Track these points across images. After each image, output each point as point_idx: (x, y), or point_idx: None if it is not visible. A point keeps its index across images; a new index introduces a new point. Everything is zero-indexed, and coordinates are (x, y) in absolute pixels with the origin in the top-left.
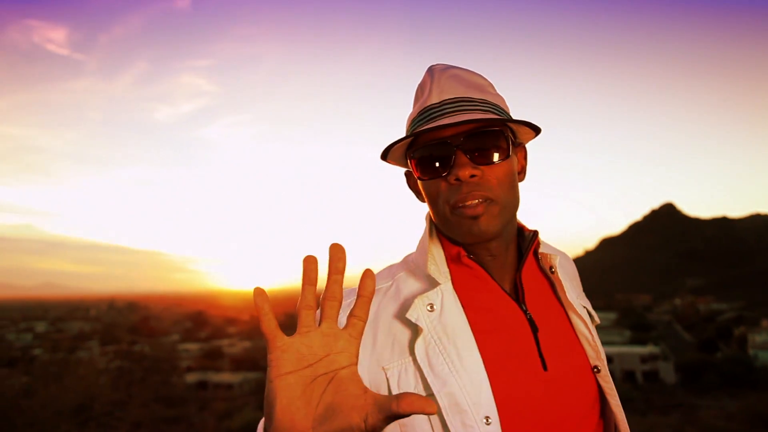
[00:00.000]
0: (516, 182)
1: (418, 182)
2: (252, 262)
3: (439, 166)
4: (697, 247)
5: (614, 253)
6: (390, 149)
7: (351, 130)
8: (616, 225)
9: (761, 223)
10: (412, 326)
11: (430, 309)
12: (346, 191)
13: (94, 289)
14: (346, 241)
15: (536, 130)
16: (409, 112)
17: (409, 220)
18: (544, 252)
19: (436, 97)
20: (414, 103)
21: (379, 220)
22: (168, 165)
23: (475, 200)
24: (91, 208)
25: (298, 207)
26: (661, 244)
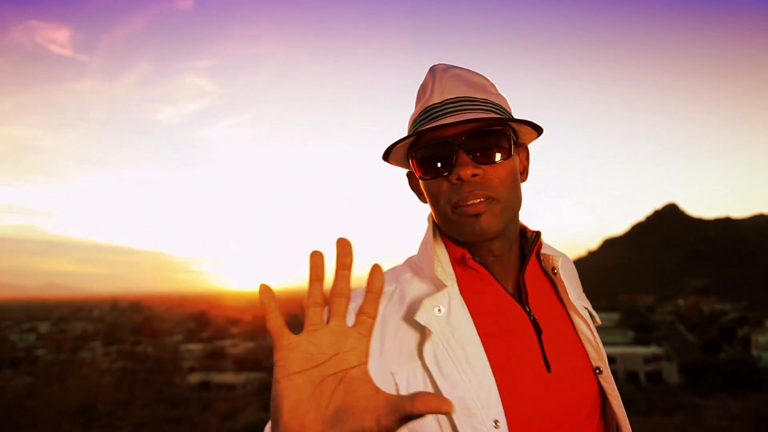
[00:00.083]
0: (518, 182)
1: (420, 182)
2: (254, 263)
3: (440, 166)
4: (700, 247)
5: (617, 254)
6: (392, 149)
7: (353, 131)
8: (619, 225)
9: (765, 224)
10: (421, 329)
11: (438, 312)
12: (349, 191)
13: (97, 290)
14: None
15: (538, 131)
16: (411, 113)
17: (412, 221)
18: (546, 253)
19: (437, 97)
20: (416, 104)
21: (382, 221)
22: (170, 165)
23: (477, 199)
24: (93, 209)
25: (300, 207)
26: (664, 244)
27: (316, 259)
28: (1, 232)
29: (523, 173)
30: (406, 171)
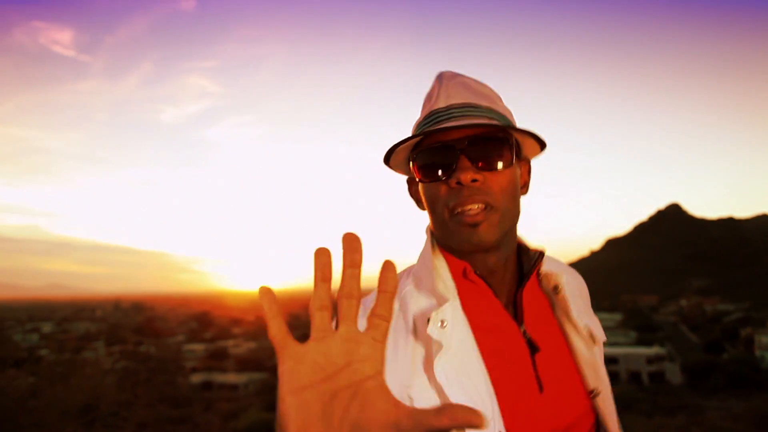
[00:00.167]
0: (518, 194)
1: (419, 185)
2: (257, 263)
3: (441, 170)
4: (703, 247)
5: (620, 254)
6: (393, 151)
7: (356, 131)
8: (622, 225)
9: None
10: (428, 343)
11: (441, 326)
12: (352, 192)
13: (100, 290)
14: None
15: (542, 145)
16: (416, 118)
17: (416, 222)
18: (548, 271)
19: (443, 102)
20: (422, 109)
21: (386, 221)
22: (173, 165)
23: (475, 205)
24: (96, 209)
25: (303, 207)
26: (667, 244)
27: (322, 257)
28: (4, 233)
29: (524, 187)
30: (406, 177)
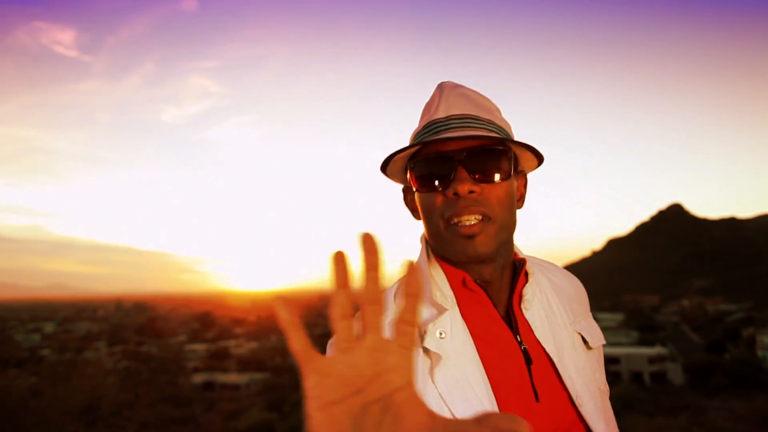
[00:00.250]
0: (514, 206)
1: (415, 195)
2: (259, 263)
3: (439, 179)
4: (705, 247)
5: (621, 254)
6: (390, 160)
7: (359, 131)
8: (624, 225)
9: None
10: (428, 354)
11: (441, 336)
12: (354, 192)
13: (102, 290)
14: (355, 244)
15: (539, 159)
16: (415, 127)
17: (419, 223)
18: (526, 288)
19: (443, 112)
20: (421, 119)
21: (388, 222)
22: (175, 166)
23: (472, 216)
24: (98, 209)
25: (305, 208)
26: (669, 244)
27: (340, 261)
28: (5, 233)
29: (520, 200)
30: (401, 187)
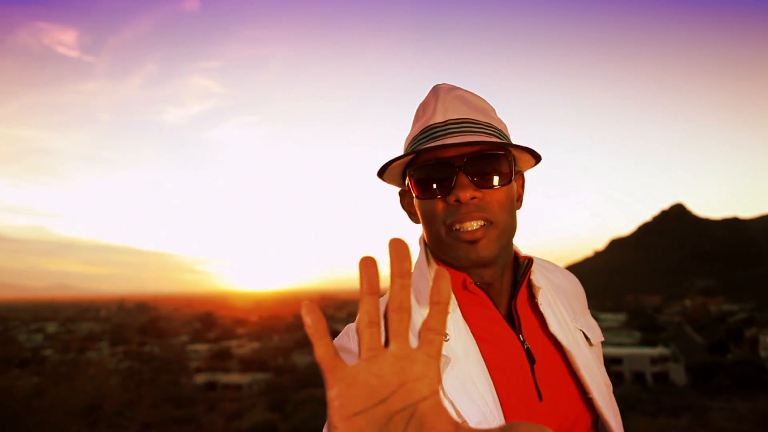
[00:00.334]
0: (515, 209)
1: (415, 201)
2: (261, 264)
3: (439, 187)
4: (708, 248)
5: (624, 254)
6: (388, 166)
7: (360, 131)
8: (626, 226)
9: None
10: None
11: (445, 338)
12: (357, 192)
13: (104, 290)
14: (356, 244)
15: (537, 158)
16: (408, 132)
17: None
18: (534, 282)
19: (440, 117)
20: (414, 122)
21: (392, 223)
22: (177, 166)
23: (474, 222)
24: (100, 210)
25: (307, 208)
26: (671, 245)
27: (369, 267)
28: (8, 233)
29: (519, 201)
30: (398, 190)
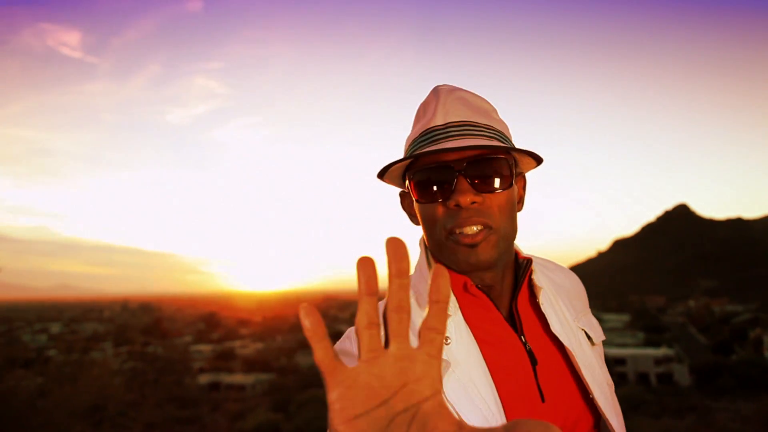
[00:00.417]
0: (515, 212)
1: (415, 205)
2: (264, 264)
3: (439, 190)
4: (712, 248)
5: (627, 255)
6: (388, 169)
7: (363, 132)
8: (629, 226)
9: None
10: None
11: (447, 342)
12: (360, 193)
13: (108, 291)
14: (359, 245)
15: (538, 161)
16: (409, 132)
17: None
18: (536, 283)
19: (441, 119)
20: (414, 123)
21: (396, 223)
22: (180, 167)
23: (474, 226)
24: (104, 210)
25: (310, 208)
26: (675, 245)
27: (367, 268)
28: (13, 234)
29: (520, 203)
30: (399, 190)
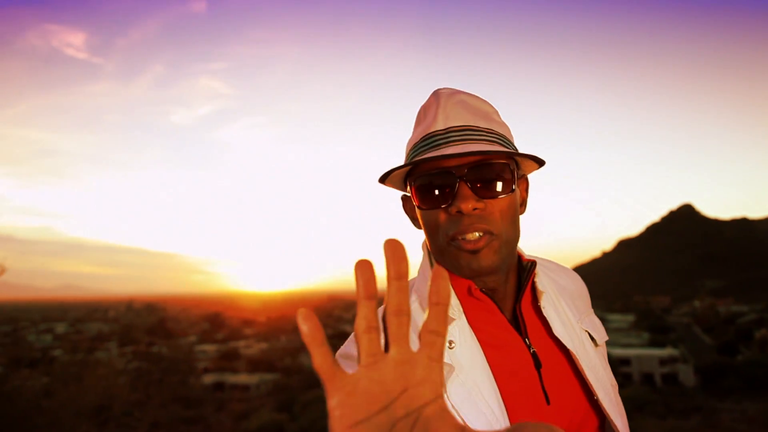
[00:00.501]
0: (518, 216)
1: (417, 210)
2: (269, 264)
3: (440, 197)
4: (717, 248)
5: (632, 255)
6: (389, 175)
7: (368, 132)
8: (634, 226)
9: None
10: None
11: (450, 346)
12: (365, 193)
13: (113, 291)
14: (364, 245)
15: (540, 163)
16: (410, 136)
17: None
18: (538, 287)
19: (441, 124)
20: (415, 126)
21: (401, 223)
22: (185, 167)
23: (476, 233)
24: (109, 210)
25: (315, 208)
26: (680, 245)
27: (365, 271)
28: (18, 234)
29: (522, 205)
30: (401, 193)
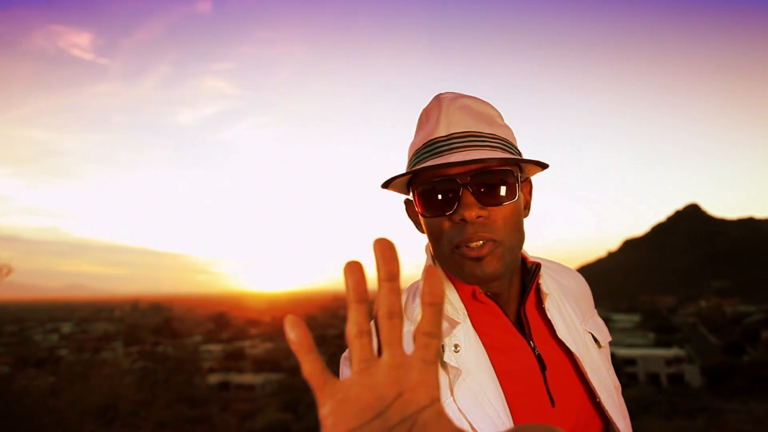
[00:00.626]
0: (522, 221)
1: (420, 217)
2: (275, 265)
3: (444, 204)
4: (723, 248)
5: (638, 255)
6: (391, 182)
7: (374, 132)
8: (640, 226)
9: None
10: (446, 369)
11: (455, 349)
12: (370, 193)
13: (119, 291)
14: (369, 245)
15: (543, 166)
16: (412, 139)
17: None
18: (543, 289)
19: (443, 129)
20: (417, 130)
21: (406, 223)
22: (190, 167)
23: (480, 241)
24: (115, 211)
25: (320, 208)
26: (686, 245)
27: (355, 272)
28: (24, 234)
29: (526, 208)
30: (404, 197)
